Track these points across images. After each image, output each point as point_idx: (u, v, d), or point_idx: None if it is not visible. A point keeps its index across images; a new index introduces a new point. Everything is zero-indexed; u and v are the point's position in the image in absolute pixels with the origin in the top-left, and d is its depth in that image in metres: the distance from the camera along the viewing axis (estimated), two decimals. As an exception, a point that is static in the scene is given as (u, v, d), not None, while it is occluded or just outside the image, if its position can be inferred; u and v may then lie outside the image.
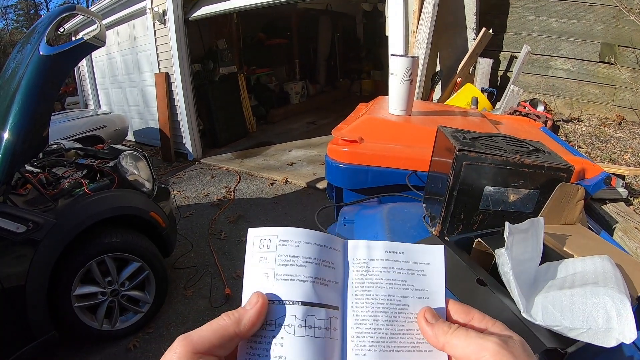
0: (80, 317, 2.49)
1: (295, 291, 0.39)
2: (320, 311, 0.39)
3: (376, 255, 0.43)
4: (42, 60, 2.13)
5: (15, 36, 19.32)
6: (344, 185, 1.61)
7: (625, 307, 0.58)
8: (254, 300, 0.37)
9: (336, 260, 0.43)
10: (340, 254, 0.43)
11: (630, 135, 3.61)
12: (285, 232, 0.42)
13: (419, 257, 0.44)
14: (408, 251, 0.44)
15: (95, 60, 8.62)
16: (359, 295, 0.42)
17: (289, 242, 0.41)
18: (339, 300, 0.41)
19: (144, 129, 7.88)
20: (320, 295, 0.40)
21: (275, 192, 5.16)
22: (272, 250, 0.41)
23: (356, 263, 0.43)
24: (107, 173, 2.76)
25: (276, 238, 0.41)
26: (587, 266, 0.70)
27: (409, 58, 1.73)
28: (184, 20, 6.29)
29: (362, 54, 11.52)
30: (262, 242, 0.42)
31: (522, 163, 0.96)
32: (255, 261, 0.41)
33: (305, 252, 0.41)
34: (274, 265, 0.40)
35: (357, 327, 0.40)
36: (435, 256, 0.44)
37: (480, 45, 4.10)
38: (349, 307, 0.41)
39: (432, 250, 0.45)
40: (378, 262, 0.43)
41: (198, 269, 3.48)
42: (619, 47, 3.87)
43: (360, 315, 0.41)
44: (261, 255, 0.41)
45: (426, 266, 0.44)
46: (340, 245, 0.43)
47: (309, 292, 0.40)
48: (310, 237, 0.42)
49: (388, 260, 0.43)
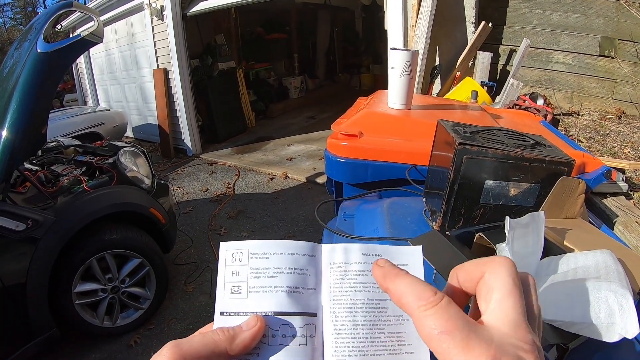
0: (81, 315, 2.49)
1: (268, 302, 0.40)
2: (295, 319, 0.39)
3: (353, 258, 0.43)
4: (40, 58, 2.12)
5: (12, 34, 19.24)
6: (343, 179, 1.61)
7: (628, 302, 0.57)
8: (252, 323, 0.37)
9: (311, 267, 0.42)
10: (315, 259, 0.43)
11: (631, 129, 3.60)
12: (256, 245, 0.42)
13: (397, 258, 0.43)
14: (385, 253, 0.43)
15: (94, 57, 8.59)
16: (337, 300, 0.41)
17: (260, 255, 0.41)
18: (317, 306, 0.41)
19: (143, 125, 7.86)
20: (294, 303, 0.40)
21: (274, 187, 5.16)
22: (244, 264, 0.41)
23: (333, 267, 0.43)
24: (106, 170, 2.76)
25: (247, 251, 0.42)
26: (588, 260, 0.70)
27: (408, 52, 1.72)
28: (182, 15, 6.26)
29: (361, 48, 11.48)
30: (234, 255, 0.42)
31: (523, 157, 0.95)
32: (228, 275, 0.41)
33: (276, 263, 0.41)
34: (246, 278, 0.41)
35: (337, 333, 0.40)
36: (414, 256, 0.44)
37: (479, 39, 4.08)
38: (328, 312, 0.41)
39: (410, 251, 0.44)
40: (356, 265, 0.43)
41: (198, 264, 3.49)
42: (618, 40, 3.86)
43: (339, 320, 0.40)
44: (234, 268, 0.41)
45: (405, 267, 0.42)
46: (315, 251, 0.43)
47: (282, 301, 0.40)
48: (281, 247, 0.42)
49: (366, 263, 0.43)
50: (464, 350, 0.28)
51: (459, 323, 0.29)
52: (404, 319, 0.41)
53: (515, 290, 0.31)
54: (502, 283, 0.32)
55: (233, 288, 0.41)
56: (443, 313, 0.30)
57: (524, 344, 0.29)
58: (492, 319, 0.31)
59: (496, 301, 0.31)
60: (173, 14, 6.12)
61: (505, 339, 0.29)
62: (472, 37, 4.11)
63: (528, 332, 0.30)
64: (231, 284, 0.41)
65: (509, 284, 0.31)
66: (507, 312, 0.30)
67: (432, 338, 0.30)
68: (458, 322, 0.29)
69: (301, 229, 4.02)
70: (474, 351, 0.28)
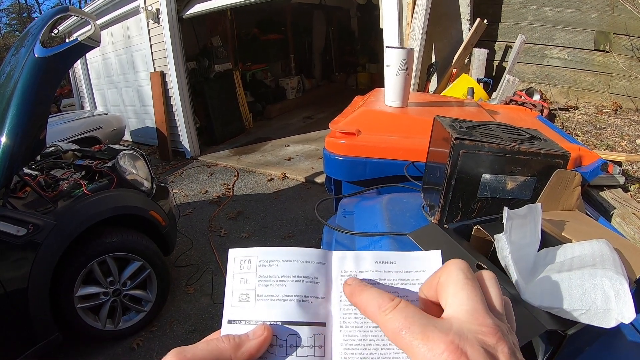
0: (83, 318, 2.50)
1: (276, 311, 0.39)
2: (303, 329, 0.38)
3: (365, 266, 0.41)
4: (38, 63, 2.12)
5: (8, 40, 19.18)
6: (342, 177, 1.62)
7: (623, 288, 0.58)
8: (259, 332, 0.37)
9: (320, 275, 0.41)
10: (325, 267, 0.41)
11: (627, 122, 3.62)
12: (264, 252, 0.41)
13: (413, 265, 0.41)
14: (401, 260, 0.42)
15: (90, 61, 8.58)
16: (347, 309, 0.40)
17: (269, 262, 0.41)
18: (326, 315, 0.40)
19: (141, 129, 7.86)
20: (302, 313, 0.39)
21: (274, 187, 5.16)
22: (253, 271, 0.41)
23: (344, 276, 0.41)
24: (105, 173, 2.76)
25: (256, 259, 0.41)
26: (585, 250, 0.71)
27: (404, 49, 1.73)
28: (177, 18, 6.27)
29: (357, 47, 11.49)
30: (242, 263, 0.41)
31: (519, 150, 0.96)
32: (237, 282, 0.41)
33: (284, 271, 0.40)
34: (254, 286, 0.40)
35: (346, 343, 0.39)
36: (432, 262, 0.41)
37: (475, 36, 4.10)
38: (337, 322, 0.40)
39: (427, 257, 0.42)
40: (367, 273, 0.41)
41: (199, 266, 3.49)
42: (613, 34, 3.87)
43: (349, 330, 0.39)
44: (242, 276, 0.41)
45: (422, 274, 0.41)
46: (325, 258, 0.42)
47: (290, 311, 0.39)
48: (290, 254, 0.41)
49: (378, 271, 0.41)
50: (423, 340, 0.30)
51: (416, 319, 0.32)
52: None
53: (468, 282, 0.33)
54: (455, 279, 0.34)
55: (241, 296, 0.40)
56: (401, 313, 0.33)
57: (483, 327, 0.30)
58: (450, 311, 0.33)
59: (452, 295, 0.33)
60: (169, 17, 6.13)
61: (464, 326, 0.31)
62: (468, 34, 4.13)
63: (488, 317, 0.31)
64: (239, 292, 0.40)
65: (461, 278, 0.34)
66: (463, 302, 0.32)
67: (395, 336, 0.32)
68: (415, 319, 0.32)
69: (301, 229, 4.03)
70: (433, 340, 0.30)
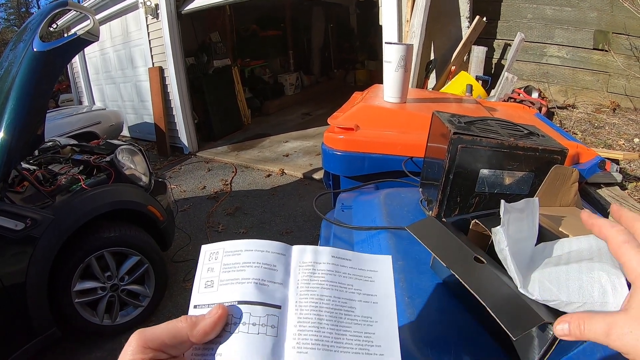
0: (81, 313, 2.50)
1: (234, 292, 0.41)
2: (256, 309, 0.41)
3: (323, 259, 0.45)
4: (36, 57, 2.12)
5: (6, 35, 19.07)
6: (340, 172, 1.62)
7: (620, 281, 0.59)
8: (214, 311, 0.39)
9: (279, 264, 0.44)
10: (285, 257, 0.45)
11: (625, 121, 3.63)
12: (230, 244, 0.45)
13: (366, 264, 0.46)
14: (355, 259, 0.46)
15: (88, 56, 8.55)
16: (303, 295, 0.43)
17: (233, 252, 0.44)
18: (282, 299, 0.42)
19: (139, 124, 7.85)
20: (258, 294, 0.41)
21: (272, 183, 5.17)
22: (219, 261, 0.44)
23: (302, 266, 0.45)
24: (103, 168, 2.76)
25: (222, 250, 0.45)
26: (582, 244, 0.71)
27: (403, 45, 1.73)
28: (176, 13, 6.25)
29: (356, 44, 11.48)
30: (211, 255, 0.45)
31: (517, 146, 0.97)
32: (204, 272, 0.44)
33: (245, 259, 0.43)
34: (218, 273, 0.43)
35: (300, 325, 0.41)
36: (384, 265, 0.46)
37: (474, 33, 4.10)
38: (293, 306, 0.42)
39: (379, 260, 0.46)
40: (324, 265, 0.45)
41: (197, 261, 3.47)
42: (612, 34, 3.88)
43: (304, 313, 0.42)
44: (209, 266, 0.44)
45: (374, 273, 0.45)
46: (285, 250, 0.45)
47: (247, 292, 0.41)
48: (252, 245, 0.44)
49: (334, 264, 0.45)
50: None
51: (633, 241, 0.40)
52: (373, 320, 0.42)
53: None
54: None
55: (207, 283, 0.43)
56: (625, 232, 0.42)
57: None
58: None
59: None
60: (168, 12, 6.11)
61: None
62: (467, 31, 4.13)
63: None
64: (205, 280, 0.44)
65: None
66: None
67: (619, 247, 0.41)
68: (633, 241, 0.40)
69: (299, 225, 4.03)
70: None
